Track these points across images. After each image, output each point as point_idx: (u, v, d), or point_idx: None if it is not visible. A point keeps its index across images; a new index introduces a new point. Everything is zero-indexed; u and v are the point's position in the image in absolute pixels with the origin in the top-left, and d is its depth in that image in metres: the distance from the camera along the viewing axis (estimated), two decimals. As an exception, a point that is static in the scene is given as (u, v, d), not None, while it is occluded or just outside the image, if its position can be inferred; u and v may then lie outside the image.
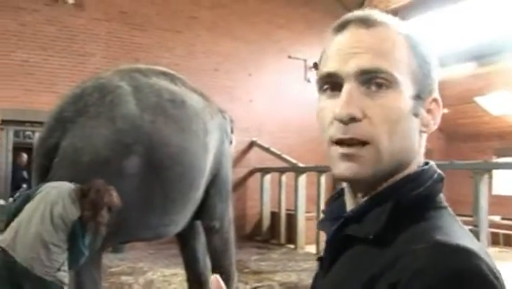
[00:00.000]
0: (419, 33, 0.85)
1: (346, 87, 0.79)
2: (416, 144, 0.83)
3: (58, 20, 10.62)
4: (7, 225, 3.69)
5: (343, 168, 0.80)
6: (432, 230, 0.73)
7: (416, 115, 0.81)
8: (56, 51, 10.56)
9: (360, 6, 11.88)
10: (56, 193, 3.64)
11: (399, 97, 0.79)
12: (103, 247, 4.26)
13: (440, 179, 0.84)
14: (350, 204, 0.87)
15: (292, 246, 10.88)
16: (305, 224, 10.79)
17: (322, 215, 0.95)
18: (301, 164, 11.07)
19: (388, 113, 0.78)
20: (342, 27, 0.84)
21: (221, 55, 12.42)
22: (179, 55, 11.77)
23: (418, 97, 0.81)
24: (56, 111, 4.05)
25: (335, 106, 0.79)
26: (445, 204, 0.83)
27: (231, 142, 5.52)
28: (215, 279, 0.89)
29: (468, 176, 8.10)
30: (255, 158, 12.47)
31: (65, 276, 3.60)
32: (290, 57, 13.09)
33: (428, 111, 0.83)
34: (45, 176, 3.91)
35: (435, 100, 0.85)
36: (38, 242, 3.50)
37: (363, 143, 0.79)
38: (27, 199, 3.73)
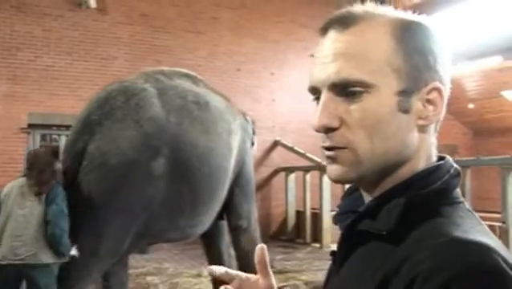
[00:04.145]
0: (415, 22, 0.82)
1: (322, 98, 0.82)
2: (409, 140, 0.80)
3: (81, 25, 10.77)
4: None
5: (329, 170, 0.85)
6: (448, 226, 0.72)
7: (404, 111, 0.79)
8: (80, 56, 10.71)
9: (382, 2, 11.75)
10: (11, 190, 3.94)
11: (376, 99, 0.78)
12: (131, 248, 4.30)
13: (457, 174, 0.82)
14: (366, 199, 0.87)
15: (318, 245, 10.84)
16: (330, 222, 10.70)
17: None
18: (325, 163, 10.98)
19: (365, 117, 0.79)
20: (324, 30, 0.85)
21: (244, 55, 12.44)
22: (201, 56, 11.83)
23: (406, 92, 0.79)
24: (83, 115, 4.08)
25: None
26: (461, 199, 0.81)
27: (253, 143, 5.53)
28: (261, 250, 0.96)
29: (496, 172, 7.95)
30: (279, 157, 12.45)
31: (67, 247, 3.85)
32: (312, 55, 12.95)
33: (428, 101, 0.80)
34: (74, 179, 3.95)
35: (435, 89, 0.80)
36: (34, 236, 3.79)
37: (342, 148, 0.81)
38: None
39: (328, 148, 0.83)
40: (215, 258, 5.40)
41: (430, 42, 0.81)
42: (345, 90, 0.79)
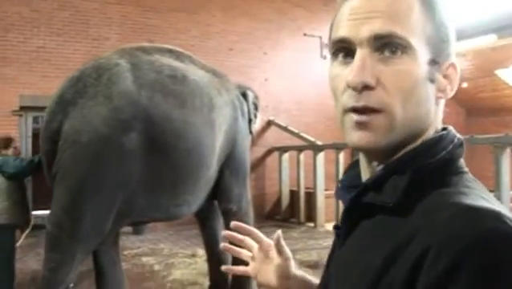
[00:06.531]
0: None
1: (359, 54, 0.77)
2: (431, 111, 0.81)
3: (71, 5, 10.62)
4: None
5: (356, 137, 0.78)
6: (455, 196, 0.72)
7: (431, 80, 0.79)
8: (71, 36, 10.58)
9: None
10: None
11: (414, 63, 0.76)
12: (115, 227, 4.25)
13: (460, 144, 0.82)
14: (365, 173, 0.86)
15: (312, 225, 10.89)
16: (324, 202, 10.78)
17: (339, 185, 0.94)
18: (319, 142, 11.01)
19: (403, 80, 0.75)
20: None
21: (237, 35, 12.34)
22: (194, 36, 11.72)
23: (434, 62, 0.79)
24: (57, 95, 4.03)
25: (348, 73, 0.76)
26: (466, 169, 0.81)
27: (255, 117, 5.44)
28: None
29: (489, 151, 7.97)
30: (273, 137, 12.44)
31: None
32: (305, 34, 12.94)
33: (445, 76, 0.81)
34: (53, 160, 3.91)
35: (452, 65, 0.82)
36: None
37: (376, 111, 0.76)
38: None
39: (361, 111, 0.77)
40: (210, 238, 5.40)
41: (447, 17, 0.81)
42: (385, 46, 0.76)
